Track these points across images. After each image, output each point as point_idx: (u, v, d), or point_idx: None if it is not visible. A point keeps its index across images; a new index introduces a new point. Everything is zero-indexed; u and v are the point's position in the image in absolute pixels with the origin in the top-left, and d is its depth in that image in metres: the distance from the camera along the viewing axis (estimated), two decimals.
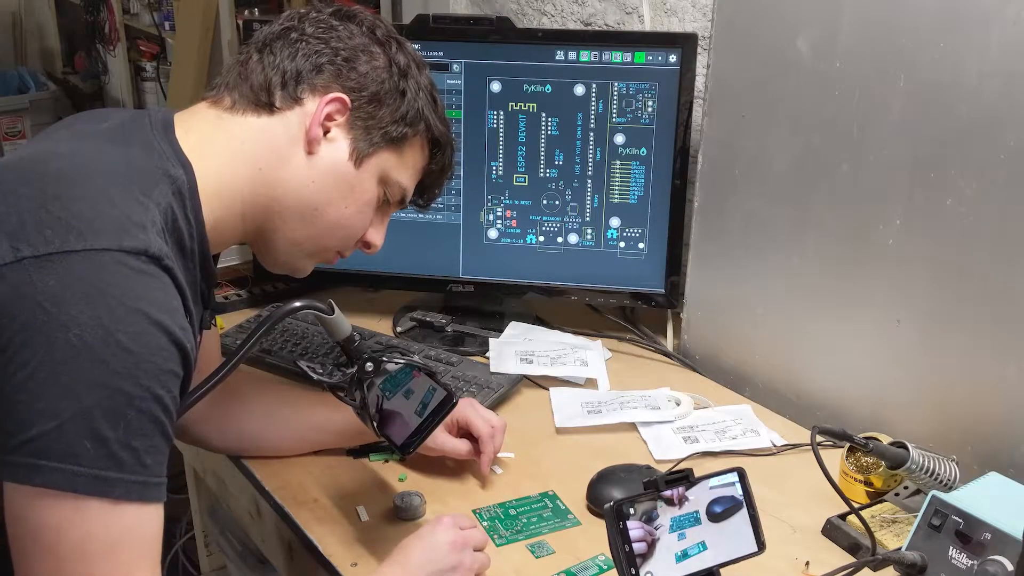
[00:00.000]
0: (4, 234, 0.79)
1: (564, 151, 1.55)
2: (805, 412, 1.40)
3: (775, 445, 1.34)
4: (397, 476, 1.25)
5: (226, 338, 1.52)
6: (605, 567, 1.09)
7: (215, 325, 1.17)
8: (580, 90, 1.52)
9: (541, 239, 1.60)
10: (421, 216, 1.56)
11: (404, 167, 1.05)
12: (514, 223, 1.60)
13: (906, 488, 1.17)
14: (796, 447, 1.33)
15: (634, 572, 0.89)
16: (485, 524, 1.16)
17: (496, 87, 1.54)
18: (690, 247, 1.55)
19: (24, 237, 0.78)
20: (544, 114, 1.54)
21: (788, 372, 1.44)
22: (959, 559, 0.98)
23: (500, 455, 1.28)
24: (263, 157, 0.97)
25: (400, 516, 1.17)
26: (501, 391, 1.42)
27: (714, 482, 0.95)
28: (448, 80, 1.54)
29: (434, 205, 1.20)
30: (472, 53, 1.54)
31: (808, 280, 1.38)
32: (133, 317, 0.78)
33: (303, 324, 1.57)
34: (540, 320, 1.69)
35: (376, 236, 1.08)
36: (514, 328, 1.62)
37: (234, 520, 1.67)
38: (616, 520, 0.89)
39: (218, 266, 1.31)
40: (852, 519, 1.14)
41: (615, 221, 1.57)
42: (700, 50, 1.50)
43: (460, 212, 1.60)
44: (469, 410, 1.23)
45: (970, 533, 0.98)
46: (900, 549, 1.04)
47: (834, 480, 1.11)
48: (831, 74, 1.29)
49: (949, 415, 1.23)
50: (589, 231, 1.58)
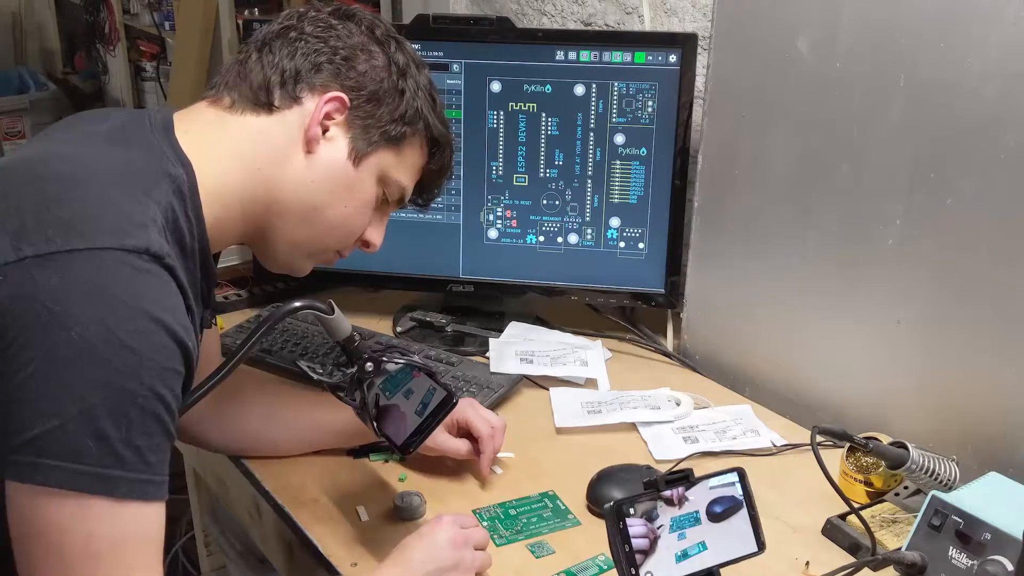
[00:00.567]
0: (6, 234, 0.79)
1: (564, 151, 1.55)
2: (805, 412, 1.40)
3: (775, 445, 1.34)
4: (397, 476, 1.25)
5: (226, 338, 1.52)
6: (605, 567, 1.09)
7: (215, 325, 1.17)
8: (580, 90, 1.52)
9: (541, 239, 1.60)
10: (421, 216, 1.56)
11: (403, 166, 1.05)
12: (514, 223, 1.60)
13: (906, 488, 1.18)
14: (796, 447, 1.33)
15: (634, 572, 0.88)
16: (485, 524, 1.16)
17: (496, 87, 1.54)
18: (690, 247, 1.55)
19: (26, 237, 0.78)
20: (544, 114, 1.54)
21: (788, 372, 1.44)
22: (959, 559, 0.98)
23: (500, 455, 1.28)
24: (262, 156, 0.97)
25: (400, 516, 1.17)
26: (501, 391, 1.42)
27: (714, 482, 0.95)
28: (448, 80, 1.54)
29: (434, 205, 1.20)
30: (472, 53, 1.54)
31: (808, 280, 1.38)
32: (135, 316, 0.78)
33: (303, 324, 1.57)
34: (540, 320, 1.69)
35: (375, 235, 1.08)
36: (514, 328, 1.62)
37: (234, 520, 1.67)
38: (616, 520, 0.89)
39: (218, 266, 1.31)
40: (852, 519, 1.14)
41: (615, 221, 1.57)
42: (700, 50, 1.50)
43: (460, 212, 1.60)
44: (469, 410, 1.24)
45: (970, 533, 0.98)
46: (900, 549, 1.04)
47: (834, 480, 1.11)
48: (831, 74, 1.29)
49: (949, 415, 1.23)
50: (589, 231, 1.58)
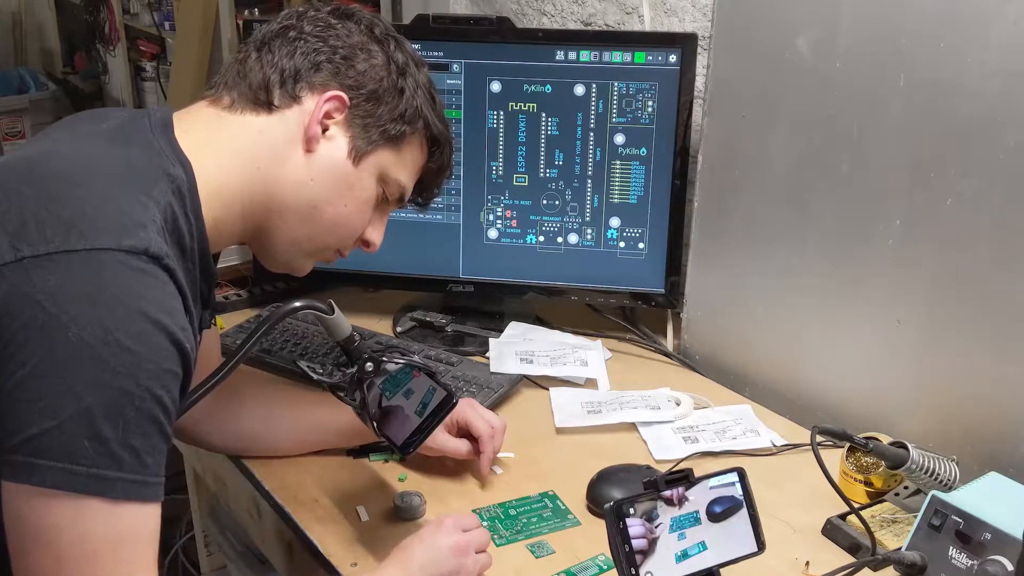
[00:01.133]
0: (4, 233, 0.79)
1: (564, 151, 1.55)
2: (805, 412, 1.40)
3: (775, 445, 1.34)
4: (397, 476, 1.25)
5: (226, 338, 1.52)
6: (605, 567, 1.09)
7: (215, 325, 1.17)
8: (580, 90, 1.52)
9: (541, 239, 1.60)
10: (421, 216, 1.56)
11: (403, 165, 1.04)
12: (514, 223, 1.60)
13: (906, 488, 1.18)
14: (796, 447, 1.33)
15: (634, 572, 0.88)
16: (485, 524, 1.16)
17: (496, 87, 1.54)
18: (690, 247, 1.55)
19: (25, 236, 0.78)
20: (544, 114, 1.54)
21: (788, 372, 1.44)
22: (959, 559, 0.98)
23: (500, 455, 1.28)
24: (262, 156, 0.97)
25: (400, 516, 1.17)
26: (501, 391, 1.42)
27: (714, 482, 0.95)
28: (448, 80, 1.54)
29: (434, 205, 1.20)
30: (472, 53, 1.53)
31: (808, 280, 1.38)
32: (133, 317, 0.78)
33: (303, 324, 1.57)
34: (540, 320, 1.69)
35: (375, 234, 1.08)
36: (514, 328, 1.62)
37: (234, 520, 1.67)
38: (616, 520, 0.89)
39: (218, 266, 1.31)
40: (852, 519, 1.14)
41: (615, 221, 1.57)
42: (700, 50, 1.50)
43: (460, 212, 1.60)
44: (469, 410, 1.23)
45: (970, 533, 0.98)
46: (900, 549, 1.04)
47: (834, 480, 1.11)
48: (831, 74, 1.29)
49: (949, 415, 1.23)
50: (589, 231, 1.58)
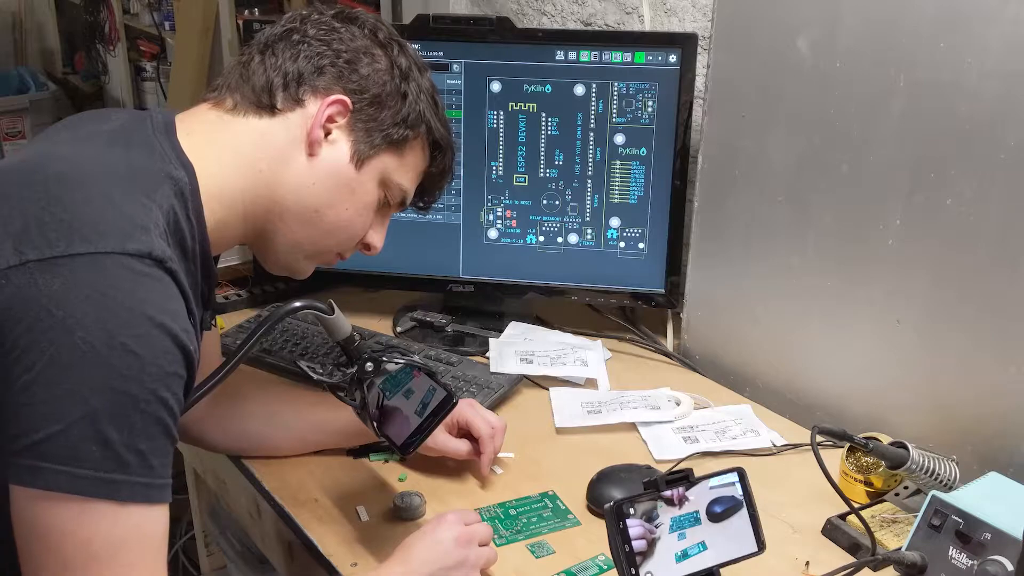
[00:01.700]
0: (8, 236, 0.79)
1: (564, 151, 1.55)
2: (805, 412, 1.40)
3: (775, 445, 1.34)
4: (397, 476, 1.25)
5: (226, 338, 1.52)
6: (605, 567, 1.09)
7: (215, 325, 1.17)
8: (580, 90, 1.52)
9: (541, 239, 1.60)
10: (421, 216, 1.55)
11: (405, 169, 1.05)
12: (514, 223, 1.60)
13: (906, 488, 1.18)
14: (796, 447, 1.33)
15: (634, 572, 0.89)
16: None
17: (496, 87, 1.54)
18: (690, 247, 1.55)
19: (28, 240, 0.78)
20: (544, 114, 1.54)
21: (788, 372, 1.44)
22: (959, 559, 0.98)
23: (500, 455, 1.28)
24: (264, 159, 0.97)
25: (400, 516, 1.17)
26: (501, 391, 1.42)
27: (714, 482, 0.95)
28: (448, 80, 1.54)
29: (434, 205, 1.20)
30: (472, 53, 1.54)
31: (808, 280, 1.38)
32: (137, 320, 0.78)
33: (303, 324, 1.57)
34: (540, 320, 1.69)
35: (376, 238, 1.08)
36: (514, 328, 1.62)
37: (234, 520, 1.67)
38: (616, 520, 0.89)
39: (218, 266, 1.31)
40: (852, 519, 1.14)
41: (615, 221, 1.57)
42: (700, 50, 1.50)
43: (460, 212, 1.61)
44: (469, 411, 1.24)
45: (970, 533, 0.98)
46: (900, 549, 1.04)
47: (834, 480, 1.11)
48: (831, 74, 1.29)
49: (949, 415, 1.23)
50: (589, 231, 1.58)
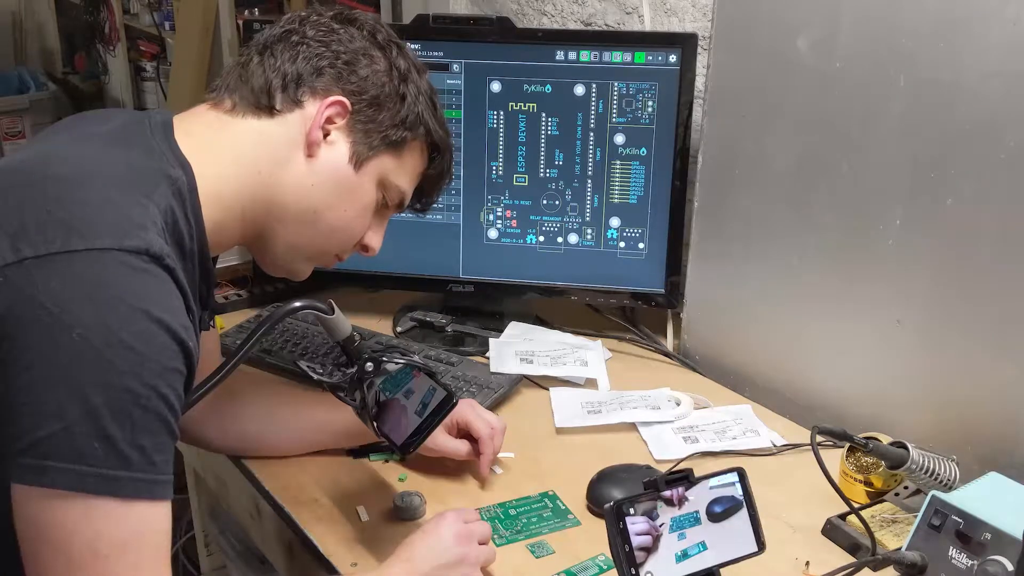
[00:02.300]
0: (6, 235, 0.79)
1: (564, 151, 1.55)
2: (805, 412, 1.40)
3: (775, 445, 1.34)
4: (397, 476, 1.25)
5: (226, 338, 1.52)
6: (605, 567, 1.09)
7: (214, 326, 1.17)
8: (580, 90, 1.52)
9: (541, 239, 1.60)
10: (421, 216, 1.56)
11: (403, 171, 1.05)
12: (514, 223, 1.60)
13: (906, 488, 1.18)
14: (796, 447, 1.33)
15: (634, 572, 0.89)
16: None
17: (496, 87, 1.54)
18: (690, 247, 1.55)
19: (26, 238, 0.78)
20: (544, 114, 1.54)
21: (788, 372, 1.44)
22: (959, 559, 0.98)
23: (500, 455, 1.28)
24: (263, 160, 0.97)
25: (400, 516, 1.17)
26: (501, 391, 1.42)
27: (714, 482, 0.95)
28: (448, 80, 1.54)
29: (434, 205, 1.20)
30: (472, 53, 1.53)
31: (808, 280, 1.38)
32: (136, 316, 0.78)
33: (303, 324, 1.57)
34: (540, 320, 1.69)
35: (374, 240, 1.08)
36: (514, 328, 1.62)
37: (234, 520, 1.67)
38: (616, 520, 0.89)
39: (218, 266, 1.31)
40: (852, 519, 1.14)
41: (615, 221, 1.57)
42: (700, 50, 1.50)
43: (460, 212, 1.60)
44: (469, 411, 1.24)
45: (970, 533, 0.98)
46: (900, 549, 1.04)
47: (834, 480, 1.11)
48: (831, 74, 1.29)
49: (949, 415, 1.23)
50: (589, 231, 1.58)
